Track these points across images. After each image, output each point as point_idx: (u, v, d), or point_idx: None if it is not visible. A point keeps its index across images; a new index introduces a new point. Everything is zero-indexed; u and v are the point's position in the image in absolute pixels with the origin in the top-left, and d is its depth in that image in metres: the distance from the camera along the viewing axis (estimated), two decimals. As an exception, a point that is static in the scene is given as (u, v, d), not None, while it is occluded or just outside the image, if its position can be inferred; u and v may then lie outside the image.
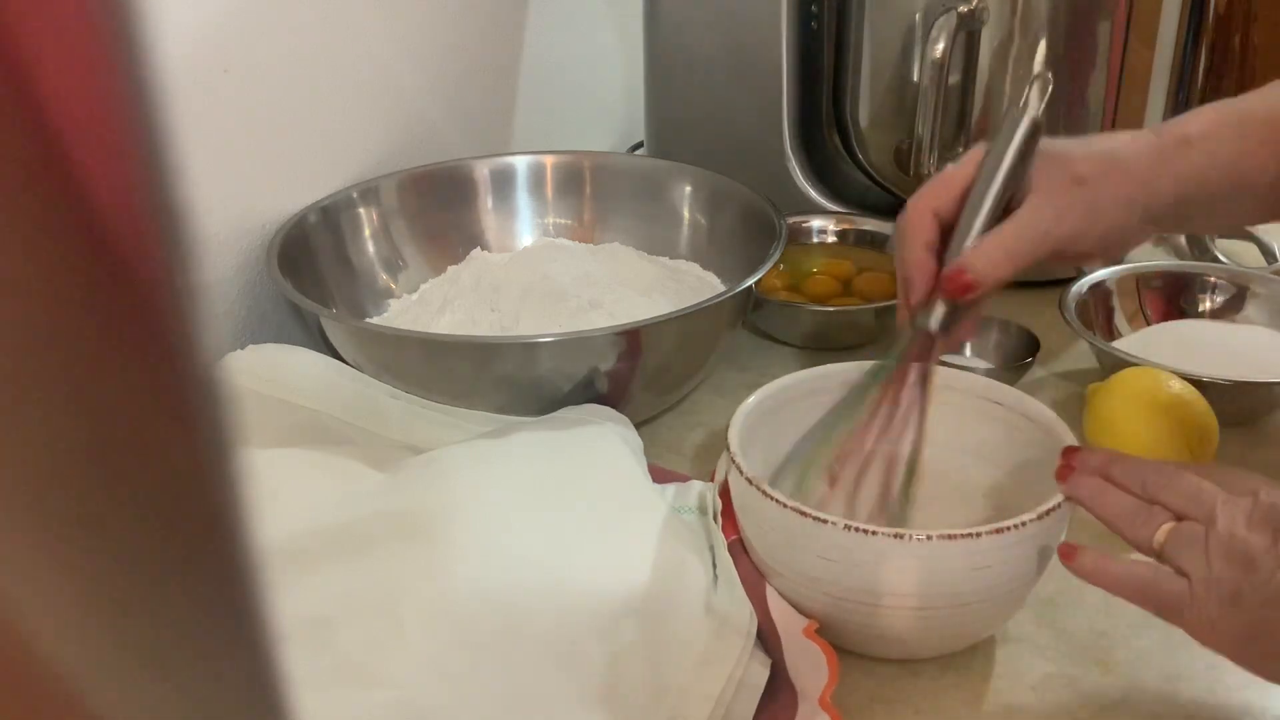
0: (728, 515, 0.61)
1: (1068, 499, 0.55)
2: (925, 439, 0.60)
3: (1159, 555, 0.50)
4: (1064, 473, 0.55)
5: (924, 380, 0.60)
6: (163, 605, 0.18)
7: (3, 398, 0.15)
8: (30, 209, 0.14)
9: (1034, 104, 0.59)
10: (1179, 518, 0.50)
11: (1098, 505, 0.53)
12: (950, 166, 0.61)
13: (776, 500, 0.54)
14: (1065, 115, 0.90)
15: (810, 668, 0.53)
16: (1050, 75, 0.61)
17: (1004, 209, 0.58)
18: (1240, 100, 0.60)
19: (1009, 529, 0.52)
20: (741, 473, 0.57)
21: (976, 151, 0.60)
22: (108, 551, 0.17)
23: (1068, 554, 0.53)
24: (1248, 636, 0.48)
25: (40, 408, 0.15)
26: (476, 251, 0.90)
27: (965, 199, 0.59)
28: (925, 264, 0.58)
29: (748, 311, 0.80)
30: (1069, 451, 0.56)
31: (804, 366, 0.66)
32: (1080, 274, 0.85)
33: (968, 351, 0.83)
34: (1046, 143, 0.59)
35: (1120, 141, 0.59)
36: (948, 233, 0.59)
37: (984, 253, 0.57)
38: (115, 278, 0.15)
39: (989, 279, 0.57)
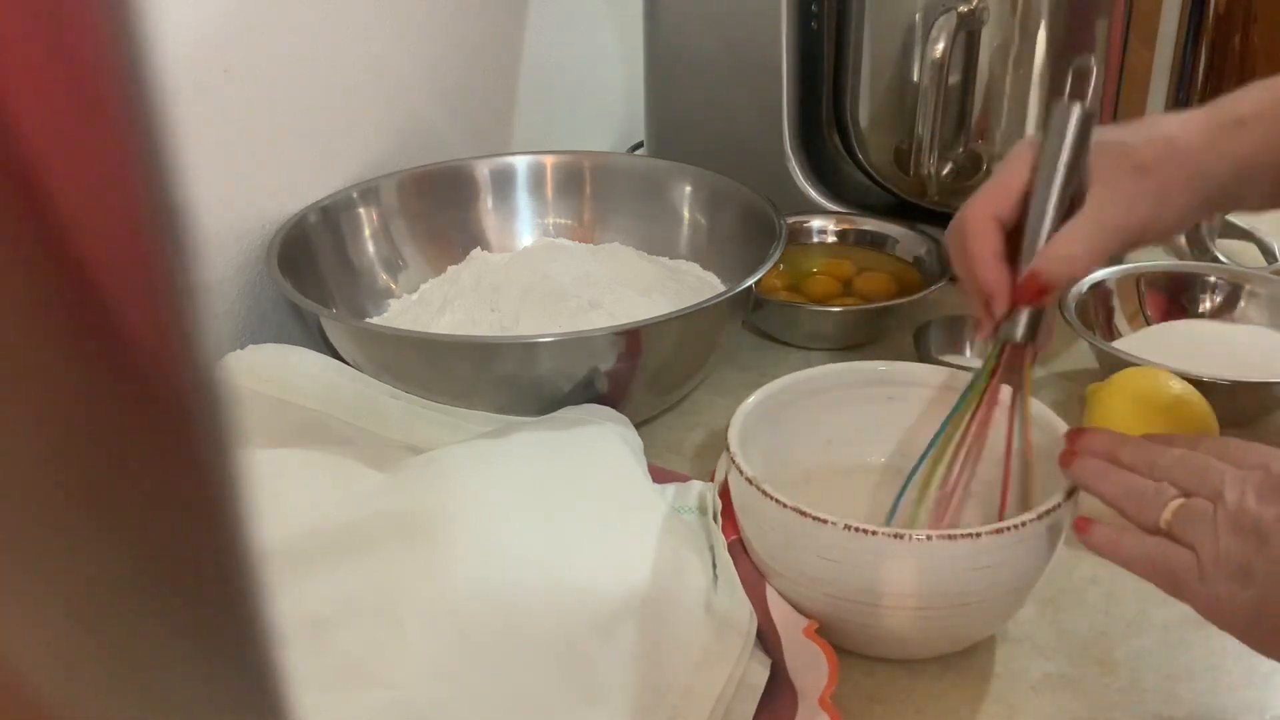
0: (728, 515, 0.61)
1: (1072, 482, 0.54)
2: (1031, 446, 0.60)
3: (1168, 534, 0.49)
4: (1067, 457, 0.54)
5: (1019, 390, 0.59)
6: (161, 609, 0.18)
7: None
8: (9, 212, 0.14)
9: (1085, 95, 0.58)
10: (1188, 495, 0.49)
11: (1103, 487, 0.52)
12: (999, 169, 0.59)
13: (776, 500, 0.54)
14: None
15: (810, 668, 0.53)
16: (1093, 61, 0.59)
17: (1068, 205, 0.57)
18: None
19: (1009, 529, 0.52)
20: (741, 473, 0.57)
21: (1023, 150, 0.58)
22: (101, 561, 0.17)
23: (1082, 527, 0.52)
24: (1256, 613, 0.46)
25: (29, 418, 0.15)
26: (476, 251, 0.90)
27: (1024, 201, 0.58)
28: (1002, 274, 0.57)
29: (748, 311, 0.80)
30: (1072, 435, 0.55)
31: (804, 366, 0.66)
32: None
33: (968, 352, 0.83)
34: (1100, 131, 0.57)
35: (1174, 125, 0.58)
36: (1011, 237, 0.58)
37: (1059, 253, 0.56)
38: (106, 286, 0.15)
39: (1067, 279, 0.56)
